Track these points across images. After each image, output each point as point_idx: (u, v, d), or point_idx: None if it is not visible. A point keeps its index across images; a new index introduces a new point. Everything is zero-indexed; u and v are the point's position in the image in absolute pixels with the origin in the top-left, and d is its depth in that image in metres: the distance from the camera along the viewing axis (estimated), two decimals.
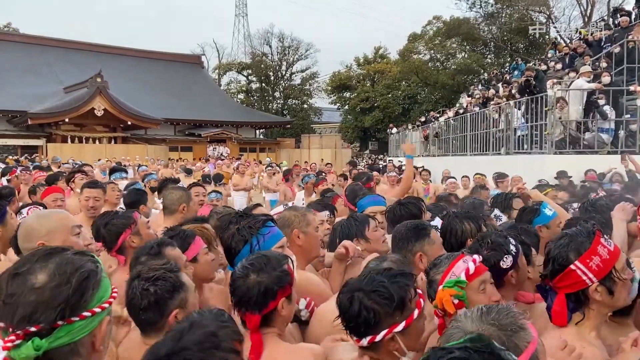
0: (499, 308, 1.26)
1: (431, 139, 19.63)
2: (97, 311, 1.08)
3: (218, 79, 53.33)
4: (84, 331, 1.07)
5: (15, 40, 39.03)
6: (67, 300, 1.04)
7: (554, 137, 10.23)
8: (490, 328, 1.20)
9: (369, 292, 1.58)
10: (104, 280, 1.14)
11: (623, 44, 12.03)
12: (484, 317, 1.23)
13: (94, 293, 1.09)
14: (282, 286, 1.75)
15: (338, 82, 46.99)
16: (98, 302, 1.10)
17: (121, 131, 32.84)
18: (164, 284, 1.76)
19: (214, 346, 0.96)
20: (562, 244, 1.76)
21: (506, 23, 38.54)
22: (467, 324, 1.23)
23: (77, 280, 1.07)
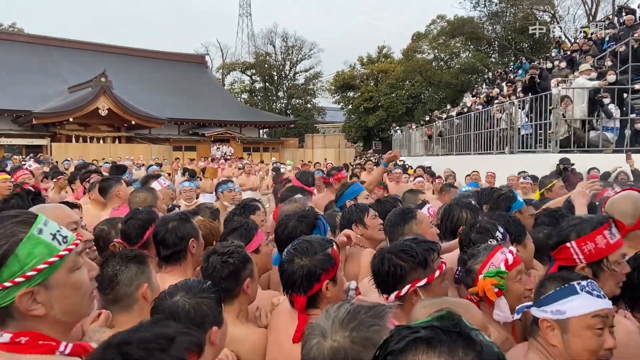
0: (367, 315, 1.23)
1: (435, 138, 19.60)
2: (7, 285, 1.17)
3: (222, 78, 53.39)
4: (6, 300, 1.18)
5: (20, 40, 39.17)
6: None
7: (559, 135, 10.18)
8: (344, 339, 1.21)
9: (397, 251, 1.86)
10: (19, 255, 1.18)
11: (628, 42, 11.98)
12: (345, 323, 1.23)
13: (2, 270, 1.17)
14: (326, 269, 1.82)
15: (342, 82, 46.96)
16: (10, 277, 1.17)
17: (125, 131, 32.92)
18: (238, 256, 2.06)
19: (159, 348, 0.94)
20: (571, 224, 1.96)
21: (510, 22, 38.43)
22: (327, 324, 1.24)
23: None
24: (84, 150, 27.81)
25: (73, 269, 1.27)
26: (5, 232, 1.20)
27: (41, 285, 1.21)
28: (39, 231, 1.23)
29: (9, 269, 1.17)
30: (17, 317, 1.20)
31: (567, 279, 1.63)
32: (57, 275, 1.23)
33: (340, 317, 1.25)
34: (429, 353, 0.82)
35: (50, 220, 1.30)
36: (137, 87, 36.63)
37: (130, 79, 37.39)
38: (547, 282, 1.68)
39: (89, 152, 26.94)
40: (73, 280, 1.27)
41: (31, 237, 1.21)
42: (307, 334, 1.28)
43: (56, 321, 1.25)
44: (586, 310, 1.56)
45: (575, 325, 1.56)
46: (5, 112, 30.74)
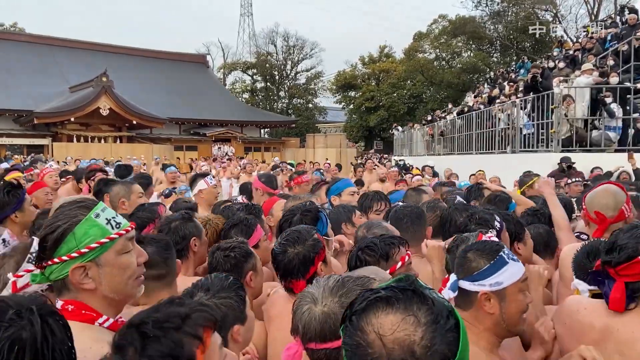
0: (354, 284, 1.35)
1: (436, 137, 19.55)
2: (64, 259, 1.36)
3: (223, 78, 53.42)
4: (63, 273, 1.37)
5: (22, 40, 39.23)
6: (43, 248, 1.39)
7: (560, 135, 10.13)
8: (334, 304, 1.32)
9: (363, 248, 2.04)
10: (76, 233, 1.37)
11: (630, 41, 11.91)
12: (334, 290, 1.34)
13: (59, 244, 1.36)
14: (317, 252, 2.03)
15: (343, 81, 46.93)
16: (67, 252, 1.36)
17: (126, 130, 32.94)
18: (240, 251, 2.19)
19: (175, 327, 1.01)
20: (635, 235, 1.79)
21: (512, 22, 38.37)
22: (318, 292, 1.36)
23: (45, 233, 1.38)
24: (85, 150, 27.82)
25: (122, 251, 1.44)
26: (69, 213, 1.40)
27: (93, 262, 1.39)
28: (96, 215, 1.41)
29: (66, 245, 1.37)
30: (72, 289, 1.39)
31: (492, 251, 1.73)
32: (107, 255, 1.40)
33: (330, 285, 1.36)
34: (387, 310, 0.95)
35: (108, 207, 1.48)
36: (138, 87, 36.64)
37: (132, 78, 37.40)
38: (473, 256, 1.74)
39: (90, 152, 26.94)
40: (121, 261, 1.43)
41: (89, 219, 1.40)
42: (298, 301, 1.38)
43: (104, 297, 1.41)
44: (518, 276, 1.72)
45: (511, 292, 1.70)
46: (7, 112, 30.79)
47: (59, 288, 1.40)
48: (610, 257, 1.76)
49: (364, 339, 0.94)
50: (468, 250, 1.79)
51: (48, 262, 1.37)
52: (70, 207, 1.43)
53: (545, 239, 2.93)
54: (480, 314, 1.71)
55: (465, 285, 1.72)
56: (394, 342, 0.92)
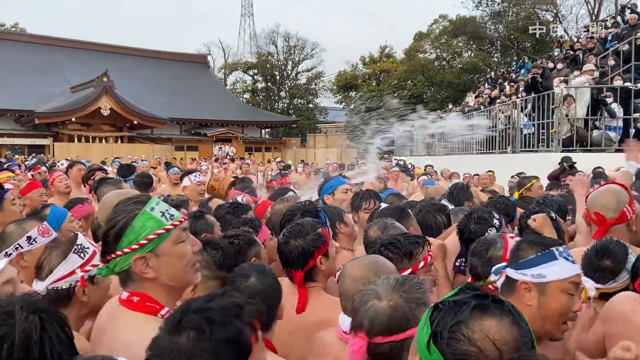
0: (412, 282, 1.45)
1: (437, 137, 19.52)
2: (126, 251, 1.46)
3: (224, 78, 53.41)
4: (126, 264, 1.47)
5: (23, 40, 39.25)
6: (106, 243, 1.50)
7: (561, 135, 10.14)
8: (400, 297, 1.40)
9: (387, 244, 2.12)
10: (135, 226, 1.47)
11: (631, 41, 11.91)
12: (397, 287, 1.43)
13: (120, 238, 1.47)
14: (317, 247, 2.10)
15: (344, 82, 46.92)
16: (128, 244, 1.46)
17: (127, 130, 32.96)
18: (244, 238, 2.31)
19: (236, 315, 1.10)
20: None
21: (512, 22, 38.35)
22: (381, 288, 1.44)
23: (106, 228, 1.49)
24: (86, 150, 27.86)
25: (177, 241, 1.52)
26: (126, 208, 1.50)
27: (152, 252, 1.48)
28: (151, 209, 1.50)
29: (127, 238, 1.46)
30: (135, 279, 1.49)
31: (546, 245, 1.71)
32: (164, 245, 1.49)
33: (390, 283, 1.44)
34: (484, 316, 1.02)
35: (162, 201, 1.57)
36: (139, 87, 36.66)
37: (132, 78, 37.42)
38: (525, 245, 1.73)
39: (91, 152, 26.98)
40: (177, 250, 1.52)
41: (144, 212, 1.49)
42: (360, 299, 1.45)
43: (164, 285, 1.51)
44: (565, 275, 1.68)
45: (553, 288, 1.67)
46: (8, 112, 30.83)
47: (124, 279, 1.51)
48: None
49: (476, 346, 0.99)
50: (524, 240, 1.79)
51: (111, 256, 1.48)
52: (126, 203, 1.53)
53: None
54: (520, 304, 1.65)
55: (509, 272, 1.72)
56: (504, 343, 1.00)
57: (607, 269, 2.05)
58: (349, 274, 1.80)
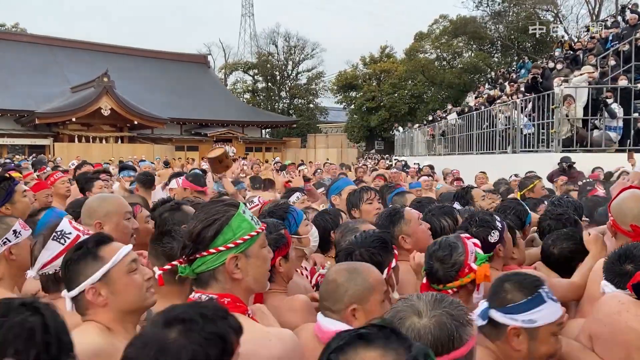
0: (452, 300, 1.34)
1: (437, 138, 19.56)
2: (221, 249, 1.46)
3: (224, 78, 53.42)
4: (217, 262, 1.46)
5: (23, 41, 39.28)
6: (195, 240, 1.47)
7: (561, 135, 10.14)
8: (443, 314, 1.28)
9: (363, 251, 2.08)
10: (232, 226, 1.47)
11: (631, 41, 11.91)
12: (437, 303, 1.31)
13: (217, 235, 1.46)
14: (278, 247, 2.05)
15: (344, 82, 46.87)
16: (223, 243, 1.46)
17: (128, 131, 32.97)
18: None
19: (223, 317, 1.11)
20: None
21: (513, 22, 38.32)
22: (419, 304, 1.31)
23: (202, 226, 1.47)
24: (87, 150, 27.87)
25: (263, 245, 1.57)
26: (220, 209, 1.51)
27: (243, 253, 1.49)
28: (243, 211, 1.53)
29: (223, 236, 1.47)
30: (220, 280, 1.48)
31: (532, 287, 1.66)
32: (254, 248, 1.52)
33: (429, 299, 1.34)
34: (367, 347, 0.95)
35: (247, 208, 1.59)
36: (139, 87, 36.68)
37: (133, 79, 37.44)
38: (510, 287, 1.67)
39: (91, 152, 27.00)
40: (263, 254, 1.57)
41: (239, 214, 1.51)
42: (396, 317, 1.31)
43: (247, 288, 1.53)
44: (554, 318, 1.65)
45: (544, 332, 1.64)
46: (8, 112, 30.85)
47: (205, 280, 1.49)
48: None
49: None
50: (506, 280, 1.72)
51: (203, 253, 1.46)
52: (218, 204, 1.55)
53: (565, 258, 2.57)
54: (507, 348, 1.65)
55: (496, 316, 1.66)
56: None
57: (628, 273, 1.94)
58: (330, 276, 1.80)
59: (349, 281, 1.72)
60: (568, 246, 2.58)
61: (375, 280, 1.76)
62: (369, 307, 1.69)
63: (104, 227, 2.50)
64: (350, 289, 1.70)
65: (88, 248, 1.65)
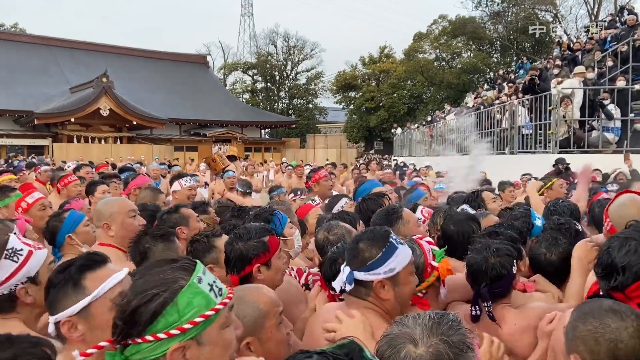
0: (451, 322, 1.21)
1: (436, 138, 19.56)
2: (161, 337, 1.09)
3: (223, 78, 53.42)
4: (155, 354, 1.10)
5: (22, 41, 39.25)
6: (126, 321, 1.10)
7: (558, 136, 10.16)
8: (440, 343, 1.16)
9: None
10: (178, 304, 1.11)
11: (629, 42, 11.93)
12: (434, 328, 1.19)
13: (156, 318, 1.10)
14: (257, 254, 2.02)
15: (343, 82, 46.89)
16: (164, 328, 1.10)
17: (127, 131, 32.95)
18: (200, 245, 2.34)
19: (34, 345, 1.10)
20: (632, 249, 1.63)
21: (512, 22, 38.34)
22: (415, 331, 1.19)
23: (137, 303, 1.10)
24: (86, 151, 27.84)
25: (225, 325, 1.19)
26: (165, 277, 1.14)
27: (194, 340, 1.13)
28: (198, 280, 1.15)
29: (165, 319, 1.10)
30: None
31: (384, 239, 1.73)
32: (210, 331, 1.15)
33: (425, 323, 1.20)
34: None
35: (207, 269, 1.23)
36: (138, 88, 36.66)
37: (132, 79, 37.44)
38: (364, 246, 1.73)
39: (90, 153, 26.97)
40: (224, 337, 1.19)
41: (192, 285, 1.13)
42: (385, 346, 1.19)
43: None
44: (408, 259, 1.75)
45: (403, 275, 1.74)
46: (7, 112, 30.83)
47: None
48: (616, 281, 1.61)
49: None
50: (359, 240, 1.77)
51: (136, 340, 1.10)
52: (163, 268, 1.17)
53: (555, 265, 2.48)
54: (377, 301, 1.73)
55: (361, 276, 1.72)
56: None
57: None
58: None
59: (237, 314, 1.44)
60: (565, 251, 2.46)
61: (266, 305, 1.59)
62: (265, 335, 1.56)
63: (111, 226, 2.72)
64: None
65: (71, 274, 1.45)
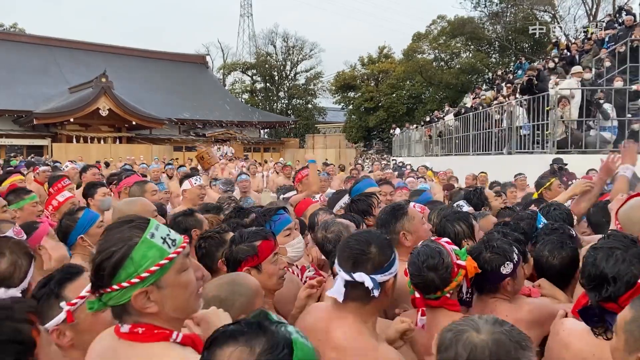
0: (512, 325, 1.31)
1: (434, 138, 19.60)
2: (124, 285, 1.30)
3: (223, 78, 53.44)
4: (123, 299, 1.31)
5: (22, 41, 39.24)
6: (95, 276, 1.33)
7: (556, 136, 10.19)
8: (503, 333, 1.26)
9: None
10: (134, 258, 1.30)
11: (627, 42, 11.97)
12: (497, 325, 1.29)
13: (117, 271, 1.30)
14: (244, 258, 2.12)
15: (342, 82, 46.94)
16: (126, 278, 1.30)
17: (126, 131, 32.95)
18: (212, 241, 2.50)
19: (6, 317, 1.12)
20: (619, 258, 1.64)
21: (511, 22, 38.40)
22: (480, 322, 1.30)
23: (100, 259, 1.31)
24: (85, 151, 27.83)
25: (181, 270, 1.38)
26: (122, 236, 1.32)
27: (154, 285, 1.32)
28: (151, 235, 1.33)
29: (125, 271, 1.30)
30: (133, 313, 1.34)
31: (389, 242, 1.84)
32: (168, 276, 1.34)
33: (490, 320, 1.31)
34: (229, 342, 1.04)
35: (161, 224, 1.40)
36: (138, 88, 36.65)
37: (131, 79, 37.43)
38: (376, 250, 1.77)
39: (89, 153, 26.96)
40: (182, 280, 1.38)
41: (144, 240, 1.32)
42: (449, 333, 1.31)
43: (168, 317, 1.37)
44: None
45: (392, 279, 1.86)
46: (7, 112, 30.81)
47: (119, 313, 1.35)
48: (608, 292, 1.62)
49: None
50: (365, 243, 1.78)
51: (106, 289, 1.31)
52: (121, 228, 1.35)
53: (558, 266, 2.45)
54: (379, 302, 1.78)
55: (379, 278, 1.74)
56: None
57: None
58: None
59: (233, 294, 1.74)
60: (567, 254, 2.45)
61: (256, 286, 1.84)
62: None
63: None
64: (236, 301, 1.73)
65: (51, 288, 1.58)
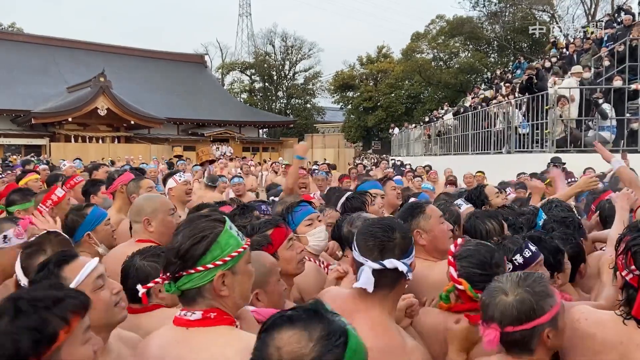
0: (535, 277, 1.65)
1: (433, 138, 19.59)
2: (209, 267, 1.44)
3: (221, 78, 53.40)
4: (204, 280, 1.44)
5: (20, 40, 39.20)
6: (182, 257, 1.44)
7: (555, 135, 10.19)
8: (524, 292, 1.58)
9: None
10: (220, 242, 1.46)
11: (625, 42, 11.96)
12: (520, 283, 1.60)
13: (205, 253, 1.44)
14: (259, 249, 2.12)
15: (341, 82, 46.95)
16: (212, 260, 1.44)
17: (124, 130, 32.93)
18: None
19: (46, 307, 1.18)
20: None
21: (509, 22, 38.44)
22: (506, 285, 1.62)
23: (191, 243, 1.44)
24: (83, 150, 27.78)
25: (248, 261, 1.56)
26: (207, 225, 1.48)
27: (230, 270, 1.48)
28: (230, 227, 1.51)
29: (211, 254, 1.45)
30: (207, 297, 1.47)
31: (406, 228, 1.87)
32: (240, 264, 1.51)
33: (514, 279, 1.63)
34: (288, 327, 1.08)
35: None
36: (136, 87, 36.63)
37: (130, 78, 37.40)
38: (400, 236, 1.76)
39: (88, 152, 26.93)
40: (249, 269, 1.56)
41: (227, 230, 1.49)
42: (486, 296, 1.64)
43: (233, 304, 1.51)
44: None
45: None
46: (5, 112, 30.79)
47: (192, 297, 1.47)
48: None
49: (265, 351, 1.07)
50: (390, 230, 1.77)
51: (190, 271, 1.45)
52: (204, 220, 1.51)
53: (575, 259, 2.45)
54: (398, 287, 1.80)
55: (407, 261, 1.74)
56: (288, 353, 1.05)
57: None
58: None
59: None
60: (572, 248, 2.43)
61: (271, 264, 1.96)
62: (270, 288, 1.90)
63: (152, 222, 2.74)
64: None
65: (49, 269, 1.63)
